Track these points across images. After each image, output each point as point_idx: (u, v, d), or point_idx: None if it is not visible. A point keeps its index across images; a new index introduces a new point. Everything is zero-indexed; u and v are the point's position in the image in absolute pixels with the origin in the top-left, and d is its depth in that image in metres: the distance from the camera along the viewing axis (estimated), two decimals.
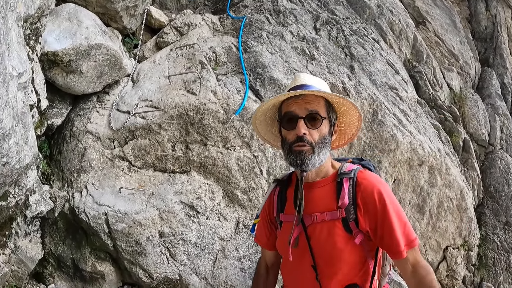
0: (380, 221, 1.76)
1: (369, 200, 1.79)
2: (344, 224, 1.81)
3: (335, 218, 1.83)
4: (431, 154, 5.06)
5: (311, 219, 1.89)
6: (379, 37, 5.91)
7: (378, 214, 1.77)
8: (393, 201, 1.80)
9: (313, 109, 1.81)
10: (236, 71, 4.74)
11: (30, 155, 3.19)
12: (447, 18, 7.51)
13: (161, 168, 4.37)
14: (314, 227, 1.88)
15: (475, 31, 8.64)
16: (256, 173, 4.41)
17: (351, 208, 1.80)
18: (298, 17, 5.45)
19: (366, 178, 1.84)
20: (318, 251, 1.87)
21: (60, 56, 3.97)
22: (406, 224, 1.80)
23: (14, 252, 3.67)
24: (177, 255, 4.16)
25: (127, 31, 5.03)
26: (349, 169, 1.89)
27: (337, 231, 1.81)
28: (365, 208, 1.79)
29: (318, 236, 1.86)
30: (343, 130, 2.09)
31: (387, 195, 1.80)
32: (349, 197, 1.82)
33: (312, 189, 1.92)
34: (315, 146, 1.79)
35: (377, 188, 1.80)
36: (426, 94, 6.03)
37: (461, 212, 5.38)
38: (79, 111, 4.45)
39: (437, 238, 5.31)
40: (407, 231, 1.78)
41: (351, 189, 1.83)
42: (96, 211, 3.99)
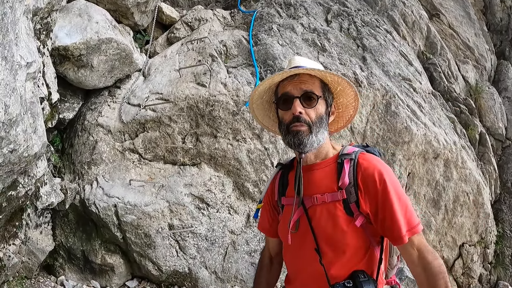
0: (381, 203, 1.68)
1: (370, 181, 1.71)
2: (345, 206, 1.73)
3: (336, 200, 1.75)
4: (447, 146, 4.91)
5: (311, 201, 1.82)
6: (391, 29, 5.79)
7: (378, 195, 1.68)
8: (394, 184, 1.71)
9: (308, 88, 1.78)
10: (247, 64, 4.71)
11: (39, 144, 3.22)
12: (461, 10, 7.31)
13: (171, 161, 4.37)
14: (315, 209, 1.81)
15: (490, 23, 8.38)
16: (267, 165, 4.36)
17: (352, 189, 1.73)
18: (309, 10, 5.40)
19: (367, 159, 1.77)
20: (320, 233, 1.79)
21: (70, 51, 4.01)
22: (408, 207, 1.70)
23: (24, 243, 3.71)
24: (187, 248, 4.14)
25: (139, 28, 5.07)
26: (351, 151, 1.83)
27: (338, 213, 1.74)
28: (365, 189, 1.71)
29: (318, 218, 1.79)
30: (341, 112, 2.02)
31: (388, 176, 1.71)
32: (350, 178, 1.75)
33: (312, 171, 1.86)
34: (312, 126, 1.74)
35: (378, 169, 1.72)
36: (441, 86, 5.87)
37: (478, 208, 5.20)
38: (90, 105, 4.49)
39: (453, 235, 5.15)
40: (409, 215, 1.69)
41: (351, 170, 1.76)
42: (106, 202, 4.01)
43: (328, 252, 1.78)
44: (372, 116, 4.66)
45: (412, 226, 1.67)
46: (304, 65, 1.86)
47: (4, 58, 2.53)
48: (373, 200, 1.70)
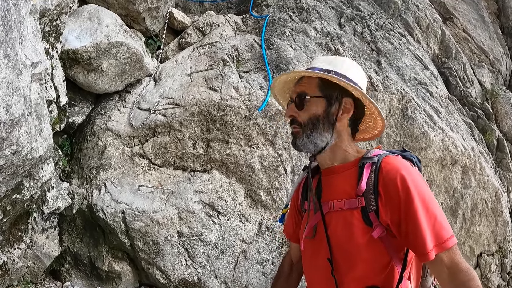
0: (404, 214, 1.49)
1: (391, 188, 1.52)
2: (363, 215, 1.57)
3: (354, 207, 1.60)
4: (465, 153, 4.74)
5: (328, 207, 1.69)
6: (405, 32, 5.70)
7: (401, 204, 1.49)
8: (420, 191, 1.51)
9: (301, 90, 1.72)
10: (259, 68, 4.63)
11: (44, 147, 3.16)
12: (475, 13, 7.18)
13: (181, 167, 4.27)
14: (331, 216, 1.68)
15: (504, 26, 8.23)
16: (280, 172, 4.24)
17: (371, 197, 1.56)
18: (321, 14, 5.32)
19: (390, 163, 1.59)
20: (334, 242, 1.65)
21: (80, 54, 3.98)
22: (437, 218, 1.49)
23: (30, 247, 3.63)
24: (196, 257, 4.01)
25: (150, 33, 5.04)
26: (375, 154, 1.67)
27: (354, 222, 1.59)
28: (386, 197, 1.53)
29: (335, 226, 1.66)
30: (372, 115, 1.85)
31: (413, 182, 1.51)
32: (370, 184, 1.58)
33: (332, 175, 1.74)
34: (303, 127, 1.69)
35: (401, 173, 1.52)
36: (457, 91, 5.73)
37: (496, 216, 4.99)
38: (100, 109, 4.44)
39: (470, 244, 4.95)
40: (438, 227, 1.48)
41: (373, 175, 1.59)
42: (113, 208, 3.92)
43: (341, 263, 1.63)
44: (388, 121, 4.52)
45: (441, 241, 1.47)
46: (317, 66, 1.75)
47: (7, 56, 2.47)
48: (395, 210, 1.51)
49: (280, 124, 4.28)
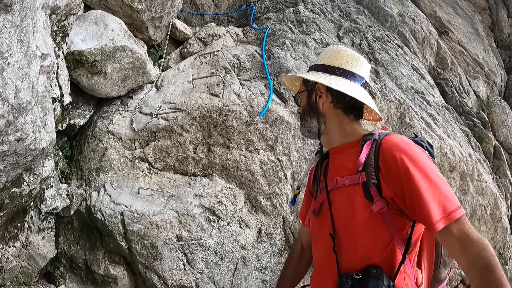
0: (406, 187, 1.49)
1: (391, 162, 1.54)
2: (365, 190, 1.60)
3: (355, 183, 1.63)
4: (462, 159, 4.77)
5: (332, 184, 1.74)
6: (402, 44, 5.86)
7: (402, 178, 1.50)
8: (421, 163, 1.51)
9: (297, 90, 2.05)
10: (260, 77, 4.70)
11: (47, 140, 3.14)
12: (470, 26, 7.40)
13: (181, 171, 4.26)
14: (335, 193, 1.73)
15: (498, 39, 8.48)
16: (280, 177, 4.24)
17: (372, 172, 1.58)
18: (320, 26, 5.46)
19: (389, 139, 1.61)
20: (337, 218, 1.69)
21: (85, 56, 4.03)
22: (442, 189, 1.48)
23: (25, 247, 3.55)
24: (195, 262, 3.94)
25: (152, 42, 5.13)
26: (378, 132, 1.72)
27: (356, 197, 1.62)
28: (387, 171, 1.55)
29: (338, 202, 1.70)
30: None
31: (413, 155, 1.52)
32: (370, 159, 1.61)
33: (337, 154, 1.82)
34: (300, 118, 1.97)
35: (401, 147, 1.55)
36: (453, 101, 5.83)
37: (495, 222, 4.98)
38: (102, 113, 4.45)
39: None
40: (444, 199, 1.47)
41: (373, 151, 1.62)
42: (112, 210, 3.87)
43: (343, 239, 1.66)
44: (387, 129, 4.57)
45: (448, 212, 1.46)
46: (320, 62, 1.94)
47: (21, 41, 2.51)
48: (397, 184, 1.52)
49: (280, 130, 4.32)
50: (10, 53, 2.42)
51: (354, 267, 1.60)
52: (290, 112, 4.44)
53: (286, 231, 4.27)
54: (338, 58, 1.84)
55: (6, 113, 2.48)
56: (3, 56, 2.37)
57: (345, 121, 1.81)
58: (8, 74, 2.43)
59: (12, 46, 2.43)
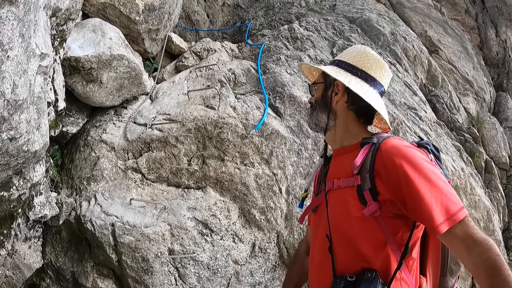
0: (406, 190, 1.47)
1: (390, 165, 1.52)
2: (359, 193, 1.59)
3: (350, 185, 1.64)
4: (455, 173, 4.80)
5: (330, 185, 1.76)
6: (394, 61, 5.96)
7: (401, 181, 1.48)
8: (421, 165, 1.50)
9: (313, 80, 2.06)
10: (255, 91, 4.71)
11: (40, 143, 3.06)
12: (459, 45, 7.61)
13: (175, 183, 4.17)
14: (331, 194, 1.74)
15: (487, 57, 8.71)
16: (275, 191, 4.19)
17: (366, 175, 1.57)
18: (315, 43, 5.54)
19: (388, 142, 1.60)
20: (332, 219, 1.69)
21: (82, 63, 3.98)
22: (443, 191, 1.46)
23: (10, 255, 3.39)
24: (187, 277, 3.81)
25: (148, 55, 5.11)
26: (378, 136, 1.71)
27: (350, 200, 1.62)
28: (385, 175, 1.53)
29: (334, 203, 1.72)
30: None
31: (413, 157, 1.51)
32: (366, 163, 1.60)
33: (338, 156, 1.84)
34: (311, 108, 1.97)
35: (399, 150, 1.54)
36: (444, 117, 5.93)
37: (489, 235, 4.92)
38: (95, 122, 4.37)
39: None
40: (446, 201, 1.45)
41: (370, 155, 1.61)
42: (103, 220, 3.75)
43: (338, 240, 1.66)
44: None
45: (451, 214, 1.44)
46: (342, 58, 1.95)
47: (22, 36, 2.46)
48: (397, 187, 1.50)
49: (276, 143, 4.30)
50: (10, 46, 2.37)
51: (349, 269, 1.58)
52: (286, 126, 4.43)
53: (280, 246, 4.19)
54: (363, 60, 1.82)
55: (1, 108, 2.41)
56: (3, 48, 2.32)
57: (353, 124, 1.82)
58: (6, 68, 2.38)
59: (13, 39, 2.38)
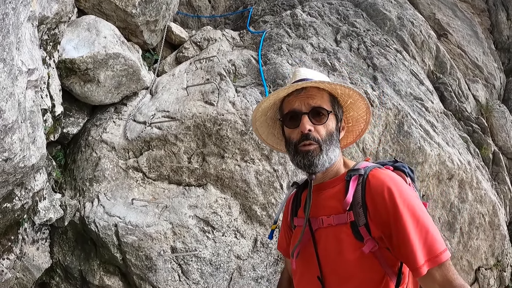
0: (394, 227, 1.45)
1: (378, 201, 1.49)
2: (354, 230, 1.54)
3: (343, 223, 1.57)
4: (461, 167, 4.73)
5: (317, 223, 1.66)
6: (401, 48, 5.75)
7: (390, 218, 1.46)
8: (409, 203, 1.47)
9: (316, 103, 1.64)
10: (256, 83, 4.63)
11: (37, 156, 3.10)
12: (469, 29, 7.31)
13: (176, 181, 4.21)
14: (321, 233, 1.65)
15: (497, 41, 8.39)
16: (276, 187, 4.19)
17: (360, 211, 1.53)
18: (318, 30, 5.37)
19: (376, 175, 1.56)
20: (324, 260, 1.62)
21: (77, 64, 3.96)
22: (429, 231, 1.45)
23: (20, 258, 3.53)
24: (190, 273, 3.91)
25: (148, 47, 5.05)
26: (362, 166, 1.65)
27: (344, 238, 1.55)
28: (374, 211, 1.50)
29: (324, 242, 1.63)
30: (351, 126, 1.89)
31: (401, 194, 1.48)
32: (357, 198, 1.55)
33: (321, 191, 1.71)
34: (322, 144, 1.61)
35: (387, 186, 1.50)
36: (452, 106, 5.76)
37: (494, 229, 4.95)
38: (96, 121, 4.40)
39: (468, 258, 4.89)
40: (430, 241, 1.44)
41: (359, 188, 1.56)
42: (106, 221, 3.84)
43: (332, 281, 1.60)
44: (385, 137, 4.51)
45: (433, 255, 1.43)
46: (311, 77, 1.71)
47: (3, 60, 2.44)
48: (385, 224, 1.47)
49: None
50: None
51: None
52: None
53: None
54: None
55: None
56: None
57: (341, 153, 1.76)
58: None
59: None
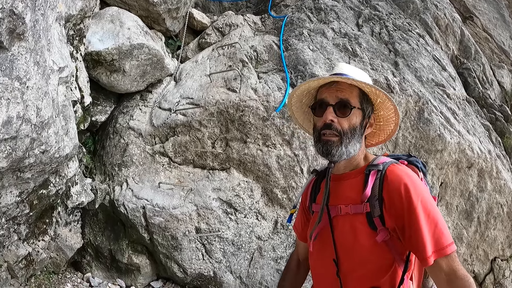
0: (407, 220, 1.59)
1: (395, 196, 1.62)
2: (369, 220, 1.67)
3: (359, 212, 1.70)
4: (481, 156, 4.72)
5: (336, 211, 1.79)
6: (424, 33, 5.65)
7: (404, 211, 1.59)
8: (422, 198, 1.61)
9: (344, 97, 1.73)
10: (277, 69, 4.69)
11: (70, 146, 3.31)
12: (495, 12, 7.04)
13: (200, 165, 4.39)
14: (338, 220, 1.78)
15: None
16: (296, 171, 4.31)
17: (376, 203, 1.66)
18: (339, 14, 5.33)
19: (394, 171, 1.68)
20: (340, 244, 1.75)
21: (103, 56, 4.12)
22: (438, 225, 1.58)
23: (53, 239, 3.81)
24: (213, 252, 4.13)
25: (170, 33, 5.15)
26: (381, 162, 1.76)
27: (359, 226, 1.69)
28: (390, 204, 1.63)
29: (341, 229, 1.76)
30: (382, 125, 1.96)
31: (416, 190, 1.61)
32: (374, 191, 1.68)
33: (341, 181, 1.84)
34: (343, 136, 1.70)
35: (404, 182, 1.62)
36: (476, 92, 5.65)
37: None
38: (122, 108, 4.59)
39: (484, 248, 4.92)
40: (438, 234, 1.57)
41: (377, 182, 1.68)
42: (134, 204, 4.07)
43: (346, 264, 1.74)
44: (405, 123, 4.53)
45: (440, 247, 1.56)
46: (347, 73, 1.81)
47: (37, 63, 2.61)
48: (399, 216, 1.61)
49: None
50: (28, 77, 2.54)
51: None
52: None
53: None
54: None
55: (30, 132, 2.63)
56: (22, 82, 2.49)
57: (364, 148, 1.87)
58: (28, 97, 2.56)
59: (29, 70, 2.54)
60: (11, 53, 2.37)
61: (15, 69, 2.38)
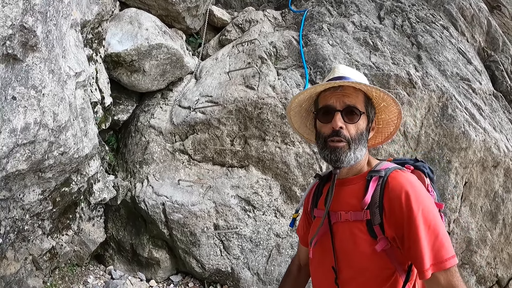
0: (407, 230, 1.52)
1: (395, 203, 1.55)
2: (369, 228, 1.62)
3: (359, 220, 1.65)
4: (508, 154, 4.50)
5: (336, 217, 1.75)
6: (448, 24, 5.40)
7: (404, 221, 1.52)
8: (424, 208, 1.53)
9: (351, 103, 1.68)
10: (297, 65, 4.65)
11: (90, 146, 3.43)
12: None
13: (219, 162, 4.44)
14: (338, 226, 1.75)
15: None
16: (315, 169, 4.29)
17: (376, 211, 1.60)
18: (360, 7, 5.20)
19: (396, 178, 1.61)
20: (339, 251, 1.72)
21: (122, 57, 4.22)
22: (439, 237, 1.50)
23: (77, 234, 3.99)
24: (231, 249, 4.19)
25: (191, 31, 5.20)
26: (383, 167, 1.71)
27: (359, 234, 1.64)
28: (390, 212, 1.57)
29: (341, 236, 1.73)
30: (381, 128, 1.92)
31: (417, 199, 1.53)
32: (375, 198, 1.62)
33: (343, 186, 1.79)
34: (351, 142, 1.66)
35: (405, 190, 1.55)
36: (503, 86, 5.35)
37: None
38: (144, 107, 4.70)
39: (509, 251, 4.70)
40: (439, 246, 1.49)
41: (379, 189, 1.62)
42: (154, 201, 4.19)
43: (345, 272, 1.70)
44: (427, 120, 4.38)
45: (439, 260, 1.48)
46: (348, 76, 1.76)
47: (51, 71, 2.72)
48: (399, 226, 1.54)
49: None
50: (43, 85, 2.65)
51: None
52: None
53: None
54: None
55: (47, 137, 2.76)
56: (37, 90, 2.60)
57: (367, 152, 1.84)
58: (44, 103, 2.68)
59: (44, 78, 2.65)
60: (25, 63, 2.48)
61: (30, 79, 2.49)
